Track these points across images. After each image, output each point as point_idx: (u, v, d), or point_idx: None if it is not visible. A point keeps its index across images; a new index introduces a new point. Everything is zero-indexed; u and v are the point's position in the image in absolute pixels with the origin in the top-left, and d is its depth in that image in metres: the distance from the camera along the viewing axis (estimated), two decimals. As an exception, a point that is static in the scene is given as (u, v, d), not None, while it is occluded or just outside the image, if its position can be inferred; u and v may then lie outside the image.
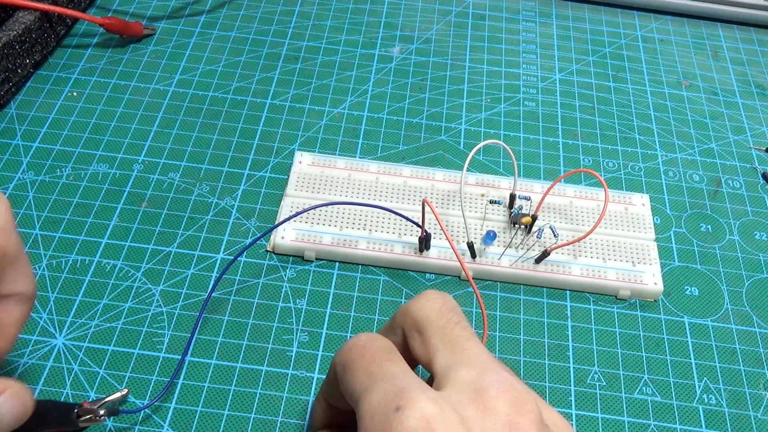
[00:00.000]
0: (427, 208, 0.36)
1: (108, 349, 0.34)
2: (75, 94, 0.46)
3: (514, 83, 0.50)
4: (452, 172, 0.42)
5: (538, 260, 0.38)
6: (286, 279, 0.38)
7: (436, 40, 0.53)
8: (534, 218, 0.38)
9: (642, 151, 0.46)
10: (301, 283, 0.37)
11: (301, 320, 0.36)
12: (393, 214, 0.39)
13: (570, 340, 0.36)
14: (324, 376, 0.34)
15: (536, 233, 0.39)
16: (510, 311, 0.37)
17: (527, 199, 0.39)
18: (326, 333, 0.36)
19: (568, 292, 0.38)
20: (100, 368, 0.33)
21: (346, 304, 0.37)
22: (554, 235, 0.38)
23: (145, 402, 0.32)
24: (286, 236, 0.38)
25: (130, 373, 0.33)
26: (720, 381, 0.35)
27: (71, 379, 0.33)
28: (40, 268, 0.37)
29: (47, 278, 0.37)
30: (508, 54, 0.53)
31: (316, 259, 0.38)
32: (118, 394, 0.31)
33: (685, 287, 0.39)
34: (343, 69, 0.50)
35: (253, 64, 0.50)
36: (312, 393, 0.33)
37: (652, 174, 0.45)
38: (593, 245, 0.39)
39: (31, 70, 0.47)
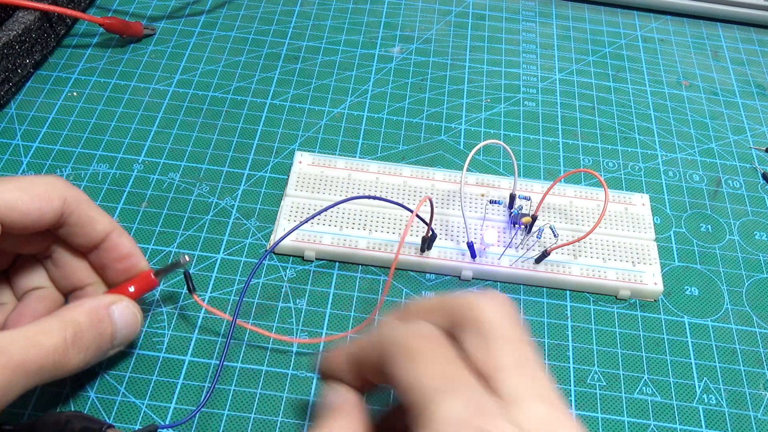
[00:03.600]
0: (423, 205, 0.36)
1: (108, 349, 0.34)
2: (75, 94, 0.46)
3: (514, 83, 0.50)
4: (452, 172, 0.42)
5: (538, 260, 0.38)
6: (286, 279, 0.38)
7: (436, 40, 0.53)
8: (534, 218, 0.38)
9: (642, 151, 0.46)
10: (301, 283, 0.37)
11: (301, 320, 0.36)
12: (393, 214, 0.39)
13: (570, 340, 0.36)
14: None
15: (536, 233, 0.39)
16: (510, 311, 0.37)
17: (527, 199, 0.39)
18: (326, 333, 0.36)
19: (568, 292, 0.38)
20: (100, 368, 0.33)
21: (346, 304, 0.37)
22: (554, 235, 0.38)
23: (145, 402, 0.32)
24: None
25: (130, 373, 0.33)
26: (720, 381, 0.35)
27: (71, 379, 0.33)
28: (40, 268, 0.37)
29: (47, 278, 0.36)
30: (508, 54, 0.53)
31: (316, 259, 0.38)
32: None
33: (685, 287, 0.39)
34: (343, 69, 0.50)
35: (253, 64, 0.50)
36: (312, 393, 0.33)
37: (652, 174, 0.45)
38: (593, 245, 0.39)
39: (31, 70, 0.47)
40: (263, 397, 0.33)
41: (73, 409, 0.32)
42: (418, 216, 0.36)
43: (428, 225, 0.36)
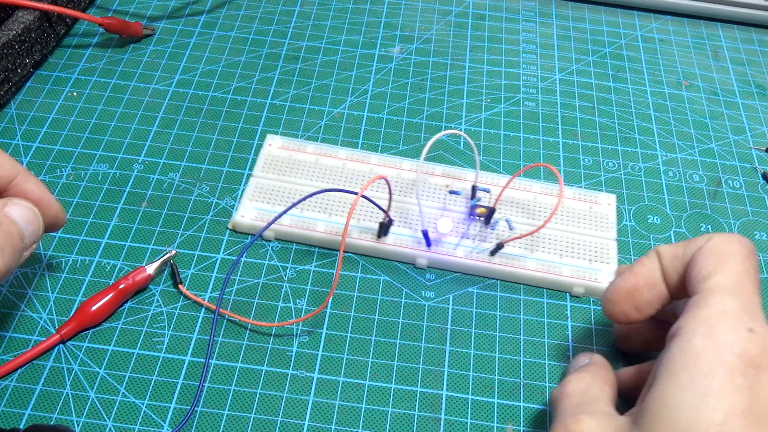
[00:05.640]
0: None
1: (108, 349, 0.34)
2: (75, 94, 0.46)
3: (514, 83, 0.50)
4: (419, 162, 0.42)
5: (493, 252, 0.38)
6: (286, 279, 0.38)
7: (436, 40, 0.53)
8: (492, 210, 0.38)
9: (642, 151, 0.46)
10: (301, 283, 0.37)
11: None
12: (352, 199, 0.39)
13: (570, 340, 0.36)
14: (324, 376, 0.34)
15: (492, 225, 0.38)
16: (510, 311, 0.37)
17: (487, 191, 0.39)
18: (326, 333, 0.36)
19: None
20: (100, 368, 0.33)
21: (346, 304, 0.37)
22: (510, 228, 0.38)
23: (145, 402, 0.32)
24: (246, 215, 0.39)
25: (130, 373, 0.33)
26: (720, 381, 0.35)
27: (71, 379, 0.33)
28: (40, 268, 0.37)
29: (47, 278, 0.36)
30: (508, 54, 0.53)
31: (276, 239, 0.39)
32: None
33: (685, 287, 0.39)
34: (343, 69, 0.50)
35: (253, 64, 0.50)
36: (312, 393, 0.33)
37: (652, 174, 0.45)
38: (551, 241, 0.39)
39: (31, 70, 0.47)
40: (263, 397, 0.33)
41: (73, 413, 0.32)
42: (369, 199, 0.36)
43: (385, 212, 0.37)
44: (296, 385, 0.34)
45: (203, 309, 0.36)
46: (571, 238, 0.39)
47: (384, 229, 0.38)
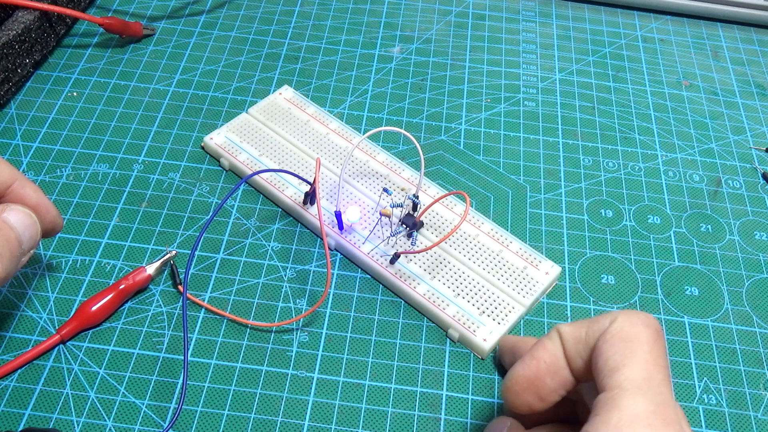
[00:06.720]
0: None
1: (108, 349, 0.34)
2: (75, 94, 0.46)
3: (514, 83, 0.50)
4: (394, 159, 0.42)
5: (392, 261, 0.37)
6: (286, 279, 0.38)
7: (436, 40, 0.53)
8: (415, 224, 0.37)
9: (642, 151, 0.46)
10: (301, 283, 0.37)
11: (301, 320, 0.36)
12: (309, 163, 0.41)
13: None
14: (324, 376, 0.34)
15: (394, 233, 0.38)
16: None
17: (416, 202, 0.38)
18: (326, 333, 0.36)
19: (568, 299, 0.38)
20: (100, 368, 0.33)
21: (346, 304, 0.37)
22: (412, 244, 0.37)
23: (145, 402, 0.32)
24: (214, 138, 0.42)
25: (130, 373, 0.33)
26: (720, 381, 0.35)
27: (71, 379, 0.33)
28: (40, 268, 0.37)
29: (47, 278, 0.37)
30: (508, 54, 0.53)
31: (230, 170, 0.42)
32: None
33: (685, 287, 0.39)
34: (343, 69, 0.50)
35: (253, 64, 0.50)
36: (312, 393, 0.33)
37: (652, 174, 0.45)
38: (456, 276, 0.37)
39: (31, 70, 0.47)
40: (263, 397, 0.33)
41: (73, 413, 0.32)
42: (305, 181, 0.38)
43: (311, 184, 0.38)
44: (296, 385, 0.34)
45: (203, 309, 0.36)
46: (480, 283, 0.37)
47: (309, 198, 0.39)
